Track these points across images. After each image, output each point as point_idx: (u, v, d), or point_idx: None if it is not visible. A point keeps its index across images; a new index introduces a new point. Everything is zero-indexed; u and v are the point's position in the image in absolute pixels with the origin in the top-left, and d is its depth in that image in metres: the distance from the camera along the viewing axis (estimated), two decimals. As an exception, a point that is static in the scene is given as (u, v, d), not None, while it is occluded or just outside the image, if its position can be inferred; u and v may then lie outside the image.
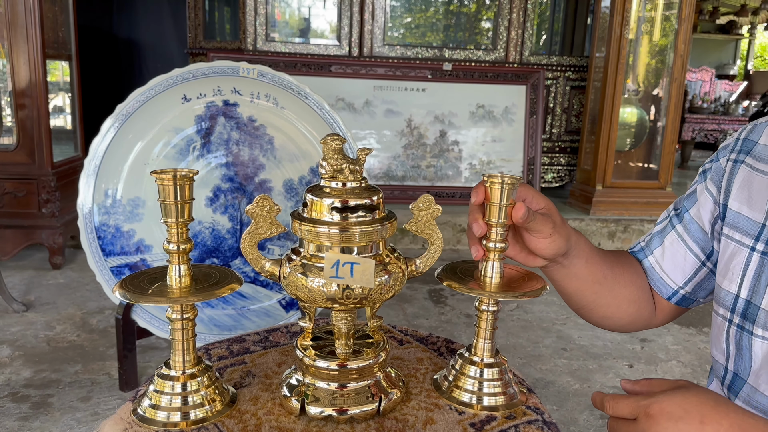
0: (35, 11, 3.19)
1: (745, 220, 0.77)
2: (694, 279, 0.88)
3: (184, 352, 0.74)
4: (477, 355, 0.81)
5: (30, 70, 3.24)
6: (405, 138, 4.35)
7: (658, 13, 4.24)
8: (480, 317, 0.81)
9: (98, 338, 2.54)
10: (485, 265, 0.79)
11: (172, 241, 0.73)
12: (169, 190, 0.70)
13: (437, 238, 0.77)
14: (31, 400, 2.06)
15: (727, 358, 0.79)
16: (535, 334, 2.79)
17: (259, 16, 4.39)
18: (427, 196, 0.77)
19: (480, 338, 0.81)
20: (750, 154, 0.79)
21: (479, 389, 0.79)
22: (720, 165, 0.83)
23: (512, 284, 0.79)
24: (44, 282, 3.17)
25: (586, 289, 0.87)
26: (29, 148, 3.29)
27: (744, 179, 0.78)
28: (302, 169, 2.24)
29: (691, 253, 0.87)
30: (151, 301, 0.70)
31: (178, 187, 0.70)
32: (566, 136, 4.91)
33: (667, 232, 0.90)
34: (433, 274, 0.83)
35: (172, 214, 0.71)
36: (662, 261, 0.89)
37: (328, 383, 0.75)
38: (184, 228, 0.73)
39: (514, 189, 0.75)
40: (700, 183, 0.87)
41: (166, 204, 0.71)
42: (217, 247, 2.19)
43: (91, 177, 2.00)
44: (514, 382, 0.82)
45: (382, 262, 0.73)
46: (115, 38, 6.81)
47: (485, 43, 4.90)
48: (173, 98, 2.08)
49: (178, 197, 0.70)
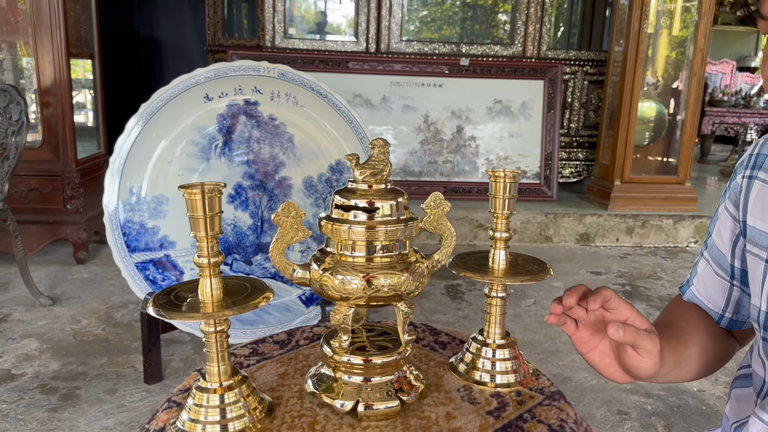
0: (59, 11, 3.25)
1: (760, 234, 0.77)
2: (730, 300, 0.88)
3: (219, 364, 0.74)
4: (489, 338, 0.90)
5: (54, 69, 3.30)
6: (422, 134, 4.36)
7: (678, 6, 4.20)
8: (490, 303, 0.89)
9: (123, 332, 2.60)
10: (492, 253, 0.87)
11: (203, 255, 0.71)
12: (197, 204, 0.68)
13: (450, 233, 0.81)
14: (59, 392, 2.12)
15: (764, 371, 0.79)
16: (552, 329, 2.80)
17: (278, 13, 4.42)
18: (437, 194, 0.80)
19: (491, 324, 0.90)
20: (762, 168, 0.80)
21: (492, 368, 0.87)
22: (737, 183, 0.84)
23: (518, 270, 0.87)
24: (69, 277, 3.24)
25: (670, 372, 0.83)
26: (54, 145, 3.35)
27: (758, 194, 0.79)
28: (321, 166, 2.27)
29: (718, 276, 0.88)
30: (185, 318, 0.70)
31: (207, 200, 0.68)
32: (584, 130, 4.89)
33: (699, 259, 0.93)
34: (449, 270, 0.87)
35: (201, 227, 0.69)
36: (700, 288, 0.91)
37: (350, 377, 0.77)
38: (215, 241, 0.71)
39: (515, 183, 0.85)
40: (722, 203, 0.88)
41: (194, 218, 0.69)
42: (238, 243, 2.23)
43: (116, 175, 2.04)
44: (523, 362, 0.90)
45: (406, 261, 0.75)
46: (137, 36, 6.90)
47: (502, 36, 4.89)
48: (196, 97, 2.12)
49: (207, 210, 0.69)
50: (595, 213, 4.19)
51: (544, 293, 3.19)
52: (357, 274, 0.73)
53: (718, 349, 0.89)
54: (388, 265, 0.74)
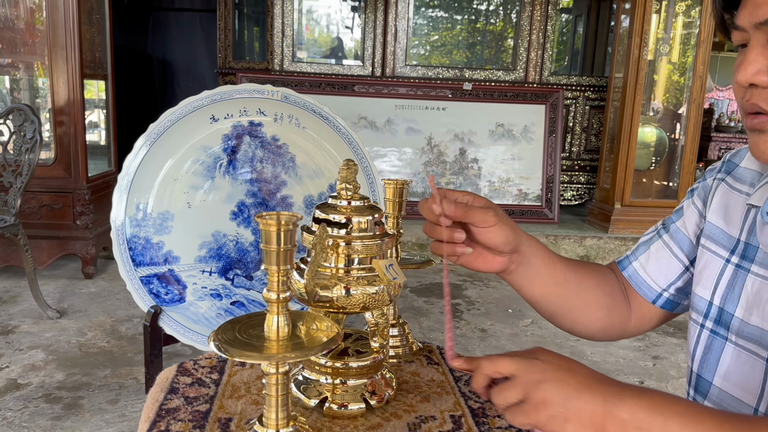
0: (74, 33, 3.38)
1: (721, 234, 0.83)
2: (677, 283, 0.92)
3: (278, 409, 0.70)
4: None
5: (69, 89, 3.42)
6: (425, 155, 4.44)
7: (677, 34, 4.29)
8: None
9: (127, 344, 2.66)
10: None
11: (272, 289, 0.68)
12: (272, 236, 0.64)
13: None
14: (63, 401, 2.18)
15: (692, 360, 0.85)
16: (548, 349, 2.84)
17: (286, 38, 4.55)
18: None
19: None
20: (730, 174, 0.86)
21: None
22: (707, 183, 0.90)
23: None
24: (77, 290, 3.32)
25: (551, 292, 0.90)
26: (66, 163, 3.46)
27: (723, 195, 0.85)
28: (322, 185, 2.34)
29: (675, 259, 0.92)
30: (245, 358, 0.66)
31: (283, 232, 0.64)
32: (586, 154, 4.95)
33: (653, 241, 0.96)
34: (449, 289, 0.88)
35: (274, 260, 0.66)
36: (647, 265, 0.94)
37: (327, 378, 0.84)
38: (286, 276, 0.67)
39: (406, 188, 0.98)
40: (688, 199, 0.94)
41: (268, 251, 0.65)
42: (240, 259, 2.30)
43: (123, 192, 2.13)
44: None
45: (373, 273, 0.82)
46: (150, 58, 7.07)
47: (509, 61, 4.99)
48: (202, 118, 2.21)
49: (282, 243, 0.65)
50: (596, 235, 4.24)
51: (542, 314, 3.23)
52: (335, 283, 0.79)
53: (611, 314, 0.94)
54: (363, 277, 0.81)
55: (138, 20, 6.93)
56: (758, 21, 0.66)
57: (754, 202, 0.79)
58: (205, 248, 2.22)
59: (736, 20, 0.70)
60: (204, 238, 2.21)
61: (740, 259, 0.80)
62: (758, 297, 0.76)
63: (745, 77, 0.67)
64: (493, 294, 3.50)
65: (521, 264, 0.87)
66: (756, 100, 0.68)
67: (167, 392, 0.88)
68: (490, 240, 0.82)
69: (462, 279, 3.73)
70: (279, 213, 0.67)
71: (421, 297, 3.39)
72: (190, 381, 0.92)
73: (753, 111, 0.69)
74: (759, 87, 0.67)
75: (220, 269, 2.29)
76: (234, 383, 0.91)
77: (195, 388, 0.90)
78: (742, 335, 0.77)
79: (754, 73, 0.66)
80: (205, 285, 2.26)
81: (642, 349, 2.92)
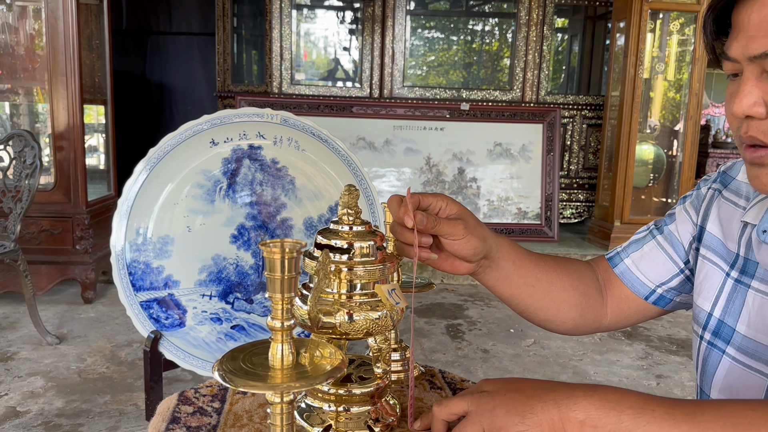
0: (74, 59, 3.40)
1: (721, 246, 0.83)
2: (669, 283, 0.92)
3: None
4: None
5: (68, 115, 3.44)
6: (424, 175, 4.45)
7: (673, 52, 4.33)
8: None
9: (126, 370, 2.64)
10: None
11: (276, 317, 0.67)
12: (276, 264, 0.64)
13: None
14: (62, 429, 2.15)
15: (696, 371, 0.85)
16: (551, 369, 2.82)
17: (285, 60, 4.58)
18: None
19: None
20: (726, 187, 0.86)
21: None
22: (701, 192, 0.90)
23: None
24: (76, 316, 3.30)
25: (521, 293, 0.90)
26: (65, 188, 3.46)
27: (721, 209, 0.85)
28: (321, 207, 2.34)
29: (670, 261, 0.92)
30: (250, 387, 0.65)
31: (287, 260, 0.64)
32: (584, 172, 4.97)
33: (646, 240, 0.95)
34: (451, 308, 0.89)
35: (278, 288, 0.66)
36: (640, 263, 0.93)
37: (330, 405, 0.83)
38: (290, 303, 0.67)
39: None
40: (680, 205, 0.94)
41: (272, 279, 0.65)
42: (240, 282, 2.29)
43: (123, 217, 2.13)
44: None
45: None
46: (148, 82, 7.12)
47: (506, 81, 5.03)
48: (202, 143, 2.22)
49: (286, 271, 0.65)
50: (596, 253, 4.23)
51: (544, 333, 3.21)
52: (338, 309, 0.79)
53: (584, 313, 0.94)
54: (366, 302, 0.80)
55: (136, 45, 6.99)
56: (751, 55, 0.65)
57: (749, 219, 0.79)
58: (205, 272, 2.22)
59: (727, 51, 0.69)
60: (204, 262, 2.20)
61: (740, 275, 0.80)
62: (762, 313, 0.75)
63: (741, 109, 0.66)
64: (494, 314, 3.49)
65: (488, 268, 0.88)
66: (753, 132, 0.67)
67: (169, 422, 0.87)
68: (458, 251, 0.83)
69: (463, 299, 3.72)
70: (283, 240, 0.67)
71: (422, 318, 3.38)
72: (192, 410, 0.91)
73: (751, 144, 0.68)
74: (755, 119, 0.66)
75: (221, 293, 2.28)
76: (236, 411, 0.90)
77: (197, 417, 0.89)
78: (746, 352, 0.77)
79: (750, 105, 0.66)
80: (206, 309, 2.25)
81: (645, 368, 2.90)
